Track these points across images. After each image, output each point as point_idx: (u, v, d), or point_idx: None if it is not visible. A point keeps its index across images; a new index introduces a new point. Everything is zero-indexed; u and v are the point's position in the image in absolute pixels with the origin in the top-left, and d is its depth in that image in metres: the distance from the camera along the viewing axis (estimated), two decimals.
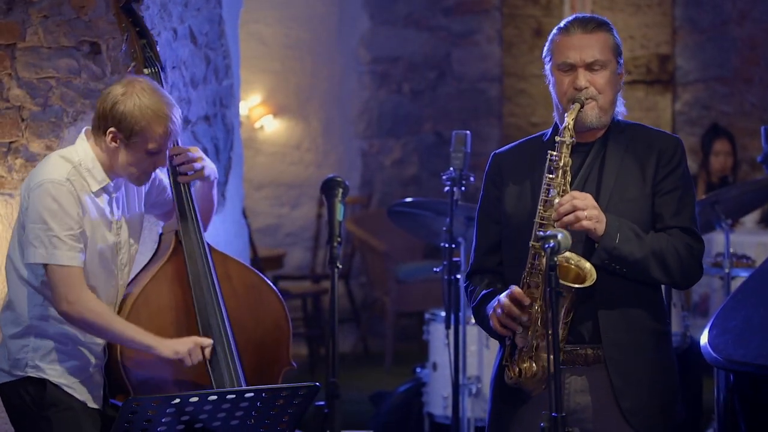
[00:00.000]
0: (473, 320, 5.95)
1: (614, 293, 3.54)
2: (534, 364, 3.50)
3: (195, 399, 3.47)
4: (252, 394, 3.54)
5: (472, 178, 5.14)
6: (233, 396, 3.52)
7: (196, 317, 4.07)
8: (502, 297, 3.51)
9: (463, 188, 5.14)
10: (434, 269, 5.41)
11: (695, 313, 7.49)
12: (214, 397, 3.49)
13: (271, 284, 4.33)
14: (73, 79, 4.73)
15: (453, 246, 5.17)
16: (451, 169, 5.12)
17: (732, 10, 9.46)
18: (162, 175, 4.22)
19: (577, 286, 3.43)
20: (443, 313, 5.56)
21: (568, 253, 3.46)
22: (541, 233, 3.40)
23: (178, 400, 3.45)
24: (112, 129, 3.86)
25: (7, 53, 4.74)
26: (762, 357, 3.68)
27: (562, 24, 3.64)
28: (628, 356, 3.55)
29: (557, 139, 3.52)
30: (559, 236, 3.29)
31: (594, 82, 3.55)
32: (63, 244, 3.81)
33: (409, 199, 6.26)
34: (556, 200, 3.48)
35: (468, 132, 5.18)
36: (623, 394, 3.54)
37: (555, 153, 3.51)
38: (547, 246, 3.26)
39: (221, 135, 5.58)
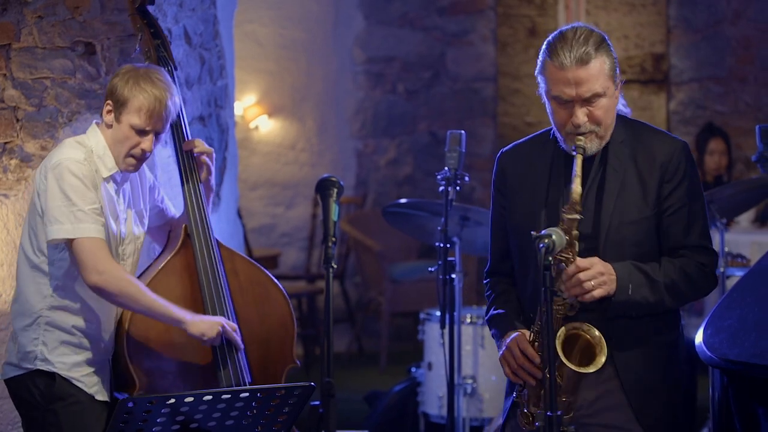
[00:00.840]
0: (468, 320, 6.02)
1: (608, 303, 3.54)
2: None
3: (190, 399, 3.46)
4: (247, 394, 3.54)
5: (466, 178, 5.14)
6: (228, 396, 3.51)
7: (203, 310, 4.11)
8: (513, 345, 3.53)
9: (457, 188, 5.13)
10: (429, 269, 5.41)
11: (690, 312, 7.49)
12: (209, 397, 3.49)
13: (278, 282, 4.37)
14: (68, 79, 4.73)
15: (448, 246, 5.16)
16: (446, 168, 5.11)
17: (726, 10, 9.47)
18: (164, 194, 4.34)
19: (585, 371, 3.45)
20: (438, 313, 5.55)
21: (579, 323, 3.47)
22: (535, 233, 3.40)
23: (173, 401, 3.44)
24: (108, 101, 3.98)
25: (2, 54, 4.74)
26: (757, 356, 3.67)
27: (555, 44, 3.46)
28: (638, 360, 3.57)
29: (565, 216, 3.42)
30: (553, 235, 3.29)
31: (592, 115, 3.46)
32: (87, 216, 3.87)
33: (403, 199, 6.26)
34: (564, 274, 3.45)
35: (463, 132, 5.17)
36: (633, 392, 3.55)
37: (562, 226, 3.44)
38: (541, 246, 3.26)
39: (216, 135, 5.58)
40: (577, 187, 3.41)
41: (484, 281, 3.85)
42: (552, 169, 3.61)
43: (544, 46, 3.52)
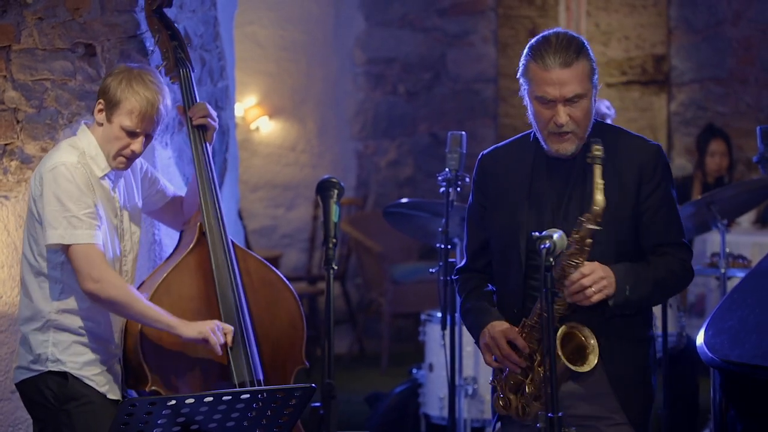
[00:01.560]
0: None
1: (604, 302, 3.57)
2: (519, 404, 3.63)
3: (191, 401, 3.46)
4: (248, 396, 3.54)
5: (467, 179, 5.13)
6: (229, 398, 3.51)
7: (217, 307, 4.13)
8: (498, 335, 3.61)
9: (458, 189, 5.14)
10: (430, 270, 5.41)
11: (691, 313, 7.49)
12: (210, 399, 3.49)
13: (288, 283, 4.38)
14: (68, 81, 4.72)
15: (449, 247, 5.16)
16: (447, 169, 5.12)
17: (727, 11, 9.46)
18: (159, 176, 4.33)
19: (579, 370, 3.52)
20: (439, 314, 5.55)
21: (575, 323, 3.54)
22: (537, 233, 3.42)
23: (173, 402, 3.44)
24: (100, 99, 4.01)
25: (2, 55, 4.74)
26: (758, 357, 3.68)
27: (539, 47, 3.58)
28: (619, 354, 3.64)
29: (584, 225, 3.45)
30: (555, 236, 3.31)
31: (573, 115, 3.57)
32: (81, 223, 3.89)
33: (404, 200, 6.25)
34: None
35: (463, 133, 5.18)
36: (618, 384, 3.62)
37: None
38: (542, 247, 3.29)
39: (216, 137, 5.57)
40: (599, 196, 3.46)
41: (455, 277, 3.93)
42: (533, 170, 3.71)
43: (526, 50, 3.64)
